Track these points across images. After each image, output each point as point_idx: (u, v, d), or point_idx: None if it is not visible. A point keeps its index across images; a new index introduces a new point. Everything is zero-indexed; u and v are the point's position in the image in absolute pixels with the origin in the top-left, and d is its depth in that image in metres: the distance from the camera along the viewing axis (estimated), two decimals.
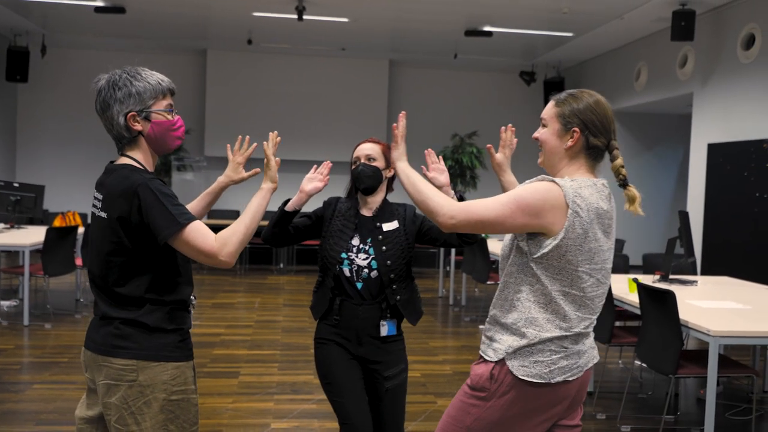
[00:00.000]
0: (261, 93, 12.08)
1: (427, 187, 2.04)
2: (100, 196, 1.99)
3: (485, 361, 2.02)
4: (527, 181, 2.01)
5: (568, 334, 1.95)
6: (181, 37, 11.32)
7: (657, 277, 4.95)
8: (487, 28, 9.74)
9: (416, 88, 12.81)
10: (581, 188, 1.92)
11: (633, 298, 4.23)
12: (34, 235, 6.68)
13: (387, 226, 2.69)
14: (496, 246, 7.45)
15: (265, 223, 2.81)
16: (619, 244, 7.72)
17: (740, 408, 4.56)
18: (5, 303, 7.04)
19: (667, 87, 9.35)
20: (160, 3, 9.01)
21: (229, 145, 2.41)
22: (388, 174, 2.73)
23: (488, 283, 6.99)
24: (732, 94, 7.96)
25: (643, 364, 4.65)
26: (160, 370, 1.93)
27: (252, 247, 10.93)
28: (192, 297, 2.10)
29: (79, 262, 6.81)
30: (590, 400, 4.63)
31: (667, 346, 3.72)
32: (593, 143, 1.98)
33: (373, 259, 2.63)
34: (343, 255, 2.64)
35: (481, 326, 6.98)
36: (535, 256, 1.94)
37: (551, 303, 1.94)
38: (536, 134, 2.07)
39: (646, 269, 5.98)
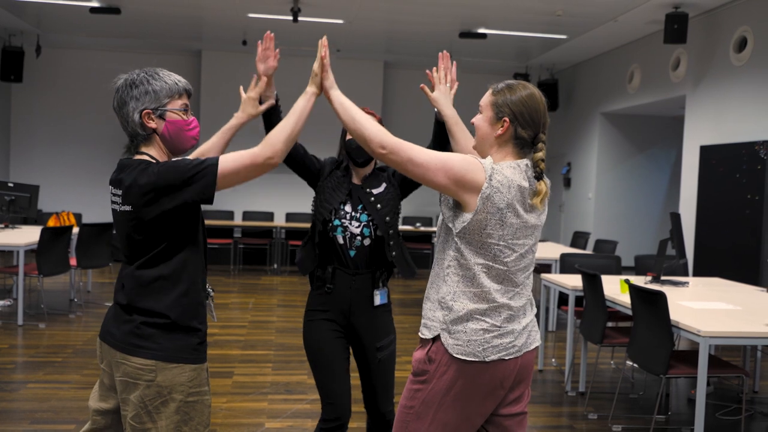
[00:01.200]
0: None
1: (362, 115, 2.09)
2: (119, 192, 2.00)
3: (422, 342, 2.09)
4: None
5: (492, 305, 2.01)
6: (176, 38, 11.32)
7: (649, 278, 4.99)
8: (481, 30, 9.79)
9: (411, 90, 12.84)
10: (503, 168, 2.00)
11: (625, 298, 4.26)
12: (28, 235, 6.68)
13: (376, 190, 2.77)
14: None
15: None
16: (611, 245, 7.76)
17: (730, 408, 4.60)
18: None
19: (660, 89, 9.41)
20: (155, 3, 9.02)
21: (241, 86, 2.49)
22: None
23: None
24: (724, 97, 8.02)
25: (635, 365, 4.69)
26: (178, 372, 1.96)
27: (246, 248, 10.93)
28: (210, 289, 2.14)
29: (73, 262, 6.81)
30: (582, 400, 4.67)
31: (658, 346, 3.75)
32: (521, 134, 2.06)
33: (365, 226, 2.69)
34: (337, 222, 2.69)
35: None
36: (457, 230, 2.01)
37: (475, 277, 2.01)
38: (473, 119, 2.15)
39: (638, 270, 6.01)
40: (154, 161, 2.00)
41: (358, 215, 2.71)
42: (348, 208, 2.72)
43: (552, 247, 8.13)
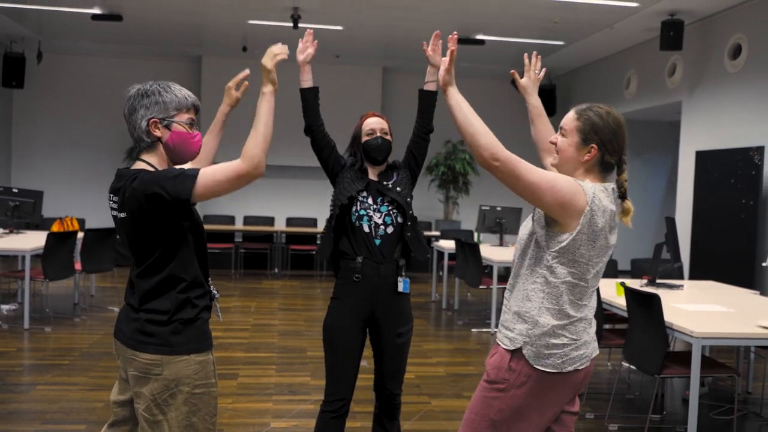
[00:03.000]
0: (255, 99, 12.13)
1: (478, 120, 2.06)
2: (116, 199, 2.11)
3: (502, 350, 2.16)
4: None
5: (572, 321, 2.11)
6: (177, 44, 11.42)
7: (644, 281, 5.09)
8: (479, 37, 9.91)
9: (409, 95, 12.84)
10: (598, 192, 2.07)
11: (621, 301, 4.36)
12: (34, 240, 6.77)
13: (391, 181, 3.02)
14: (488, 252, 7.58)
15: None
16: None
17: (724, 408, 4.71)
18: (5, 307, 7.12)
19: (657, 95, 9.53)
20: (157, 10, 9.13)
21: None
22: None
23: (480, 287, 7.12)
24: (719, 103, 8.14)
25: (631, 366, 4.79)
26: (183, 365, 2.07)
27: (247, 252, 11.02)
28: (215, 291, 2.23)
29: (78, 266, 6.90)
30: (580, 400, 4.76)
31: (653, 347, 3.86)
32: (607, 160, 2.12)
33: (386, 215, 2.93)
34: (362, 212, 2.92)
35: (473, 329, 7.10)
36: (553, 250, 2.08)
37: (561, 295, 2.09)
38: (553, 139, 2.20)
39: (634, 274, 6.12)
40: (150, 168, 2.11)
41: (378, 206, 2.93)
42: (369, 200, 2.96)
43: None
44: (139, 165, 2.14)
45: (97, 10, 9.06)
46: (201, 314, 2.14)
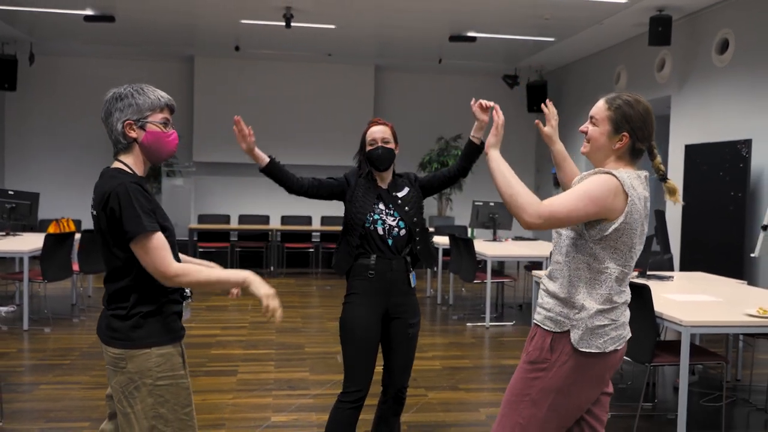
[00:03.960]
0: (248, 99, 12.25)
1: (518, 181, 2.15)
2: (94, 197, 2.21)
3: (544, 331, 2.25)
4: (584, 174, 2.26)
5: (616, 305, 2.21)
6: (169, 44, 11.46)
7: (635, 273, 5.19)
8: (471, 34, 10.00)
9: (402, 93, 13.03)
10: (633, 181, 2.18)
11: None
12: (31, 242, 6.82)
13: (401, 194, 3.20)
14: (482, 247, 7.67)
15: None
16: None
17: (714, 395, 4.82)
18: (3, 308, 7.18)
19: (646, 90, 9.64)
20: (149, 11, 9.17)
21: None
22: (397, 150, 3.20)
23: (475, 282, 7.22)
24: (708, 97, 8.25)
25: (624, 357, 4.87)
26: (144, 358, 2.14)
27: (242, 251, 11.09)
28: (187, 291, 2.29)
29: (75, 267, 6.96)
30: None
31: (644, 336, 3.95)
32: (638, 147, 2.24)
33: (401, 219, 3.13)
34: (376, 216, 3.09)
35: (468, 324, 7.20)
36: (595, 238, 2.18)
37: (604, 280, 2.19)
38: (584, 128, 2.30)
39: None
40: (128, 170, 2.19)
41: (392, 212, 3.14)
42: (382, 206, 3.15)
43: (542, 245, 8.34)
44: (116, 165, 2.22)
45: (89, 12, 9.10)
46: (164, 308, 2.19)
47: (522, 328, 7.09)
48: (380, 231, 3.09)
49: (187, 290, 2.30)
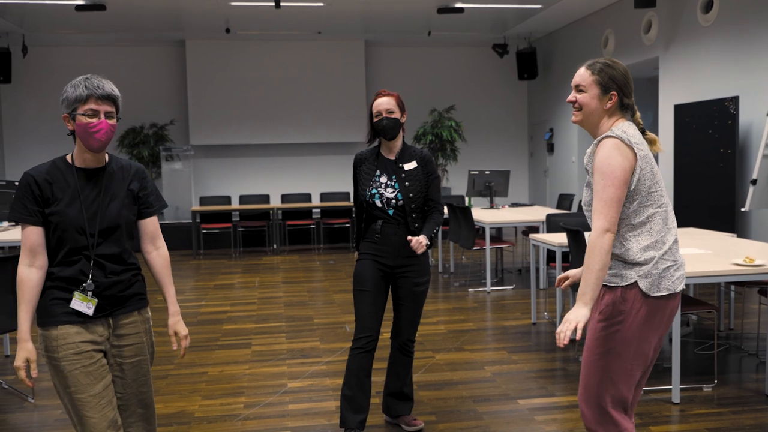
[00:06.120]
0: (241, 80, 12.35)
1: (595, 276, 2.27)
2: None
3: (612, 288, 2.39)
4: (589, 152, 2.42)
5: (669, 247, 2.38)
6: (160, 29, 11.53)
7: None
8: (458, 5, 10.09)
9: (393, 67, 13.13)
10: (628, 130, 2.37)
11: None
12: None
13: (408, 166, 3.38)
14: (480, 214, 7.87)
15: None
16: None
17: (708, 344, 5.04)
18: None
19: (634, 52, 9.77)
20: None
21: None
22: (403, 120, 3.39)
23: (474, 249, 7.42)
24: (694, 57, 8.40)
25: None
26: (39, 334, 2.35)
27: (245, 231, 11.28)
28: (86, 284, 2.33)
29: None
30: (572, 345, 5.09)
31: None
32: (626, 102, 2.43)
33: (399, 192, 3.33)
34: (374, 191, 3.33)
35: (470, 289, 7.41)
36: (626, 194, 2.35)
37: (652, 227, 2.36)
38: (572, 98, 2.47)
39: None
40: (66, 158, 2.43)
41: (392, 183, 3.32)
42: (383, 179, 3.36)
43: (539, 210, 8.54)
44: (67, 153, 2.45)
45: (80, 1, 9.17)
46: (47, 291, 2.32)
47: (522, 291, 7.31)
48: (378, 204, 3.34)
49: (88, 281, 2.33)
